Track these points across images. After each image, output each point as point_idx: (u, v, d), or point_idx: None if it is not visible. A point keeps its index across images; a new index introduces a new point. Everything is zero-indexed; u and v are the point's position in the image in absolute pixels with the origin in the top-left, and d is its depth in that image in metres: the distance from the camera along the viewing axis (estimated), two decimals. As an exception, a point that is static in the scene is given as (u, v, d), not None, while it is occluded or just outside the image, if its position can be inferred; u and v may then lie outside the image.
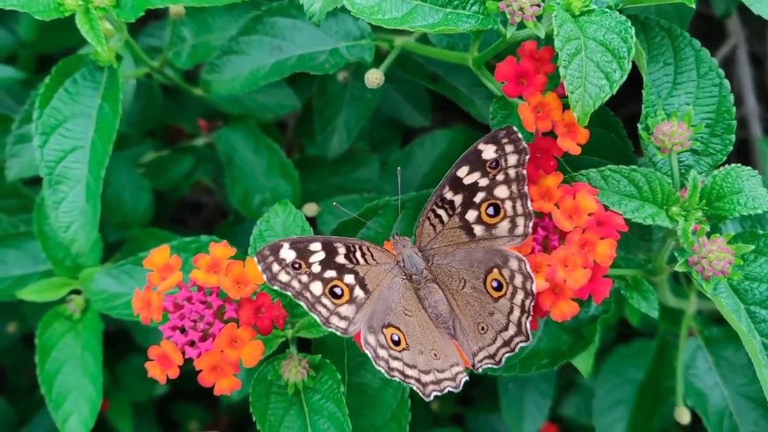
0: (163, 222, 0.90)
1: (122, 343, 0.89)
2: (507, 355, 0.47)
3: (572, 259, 0.45)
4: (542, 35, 0.46)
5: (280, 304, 0.52)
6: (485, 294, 0.48)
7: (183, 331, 0.49)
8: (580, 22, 0.44)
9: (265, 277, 0.47)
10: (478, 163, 0.47)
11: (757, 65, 0.97)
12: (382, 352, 0.47)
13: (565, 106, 0.47)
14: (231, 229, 0.85)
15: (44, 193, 0.60)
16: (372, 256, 0.49)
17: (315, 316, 0.47)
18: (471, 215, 0.47)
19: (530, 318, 0.46)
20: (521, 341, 0.47)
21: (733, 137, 0.50)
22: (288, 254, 0.47)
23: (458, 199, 0.48)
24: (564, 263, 0.45)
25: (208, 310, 0.49)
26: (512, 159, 0.46)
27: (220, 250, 0.50)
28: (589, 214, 0.46)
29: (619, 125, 0.54)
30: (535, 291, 0.45)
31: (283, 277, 0.47)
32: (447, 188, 0.48)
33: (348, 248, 0.48)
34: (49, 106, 0.60)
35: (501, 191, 0.47)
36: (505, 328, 0.47)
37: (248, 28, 0.65)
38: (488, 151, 0.46)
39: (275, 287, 0.47)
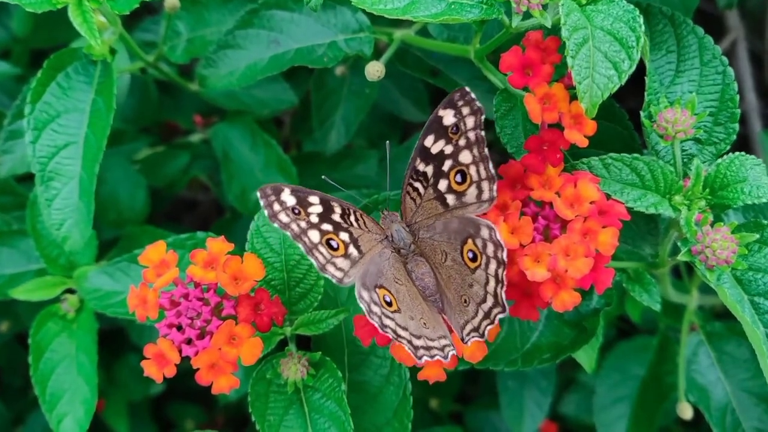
0: (159, 220, 0.89)
1: (118, 342, 0.88)
2: (488, 327, 0.47)
3: (574, 248, 0.44)
4: (548, 25, 0.45)
5: (279, 301, 0.51)
6: (464, 266, 0.47)
7: (180, 328, 0.48)
8: (587, 11, 0.44)
9: (266, 212, 0.47)
10: (441, 130, 0.46)
11: (756, 62, 0.97)
12: (376, 309, 0.47)
13: (572, 97, 0.46)
14: (228, 226, 0.84)
15: (36, 190, 0.59)
16: (365, 223, 0.49)
17: (312, 260, 0.47)
18: (442, 185, 0.47)
19: (504, 287, 0.45)
20: (499, 312, 0.46)
21: (736, 126, 0.50)
22: (289, 198, 0.47)
23: (430, 170, 0.47)
24: (565, 252, 0.44)
25: (206, 307, 0.49)
26: (470, 121, 0.46)
27: (218, 245, 0.49)
28: (591, 203, 0.45)
29: (625, 117, 0.54)
30: (506, 260, 0.45)
31: (283, 217, 0.47)
32: (418, 160, 0.47)
33: (343, 210, 0.48)
34: (41, 100, 0.59)
35: (464, 156, 0.46)
36: (484, 300, 0.47)
37: (245, 21, 0.64)
38: (448, 117, 0.46)
39: (274, 224, 0.47)
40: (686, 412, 0.66)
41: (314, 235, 0.47)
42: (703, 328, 0.69)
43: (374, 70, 0.58)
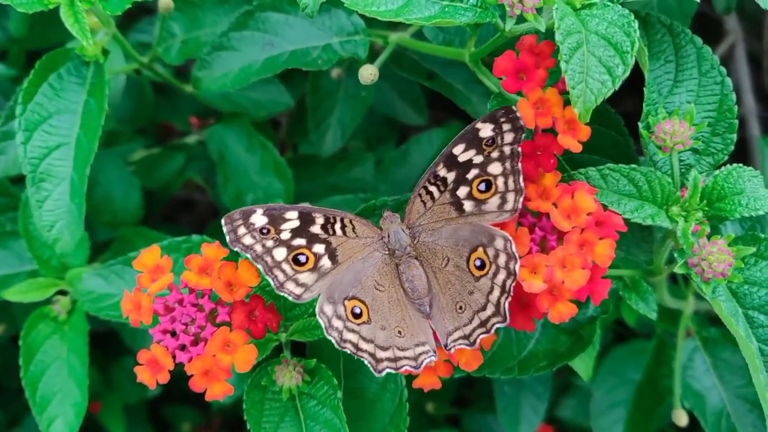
0: (154, 220, 0.88)
1: (114, 344, 0.88)
2: (482, 336, 0.47)
3: (571, 259, 0.44)
4: (542, 29, 0.45)
5: (274, 307, 0.51)
6: (467, 273, 0.47)
7: (174, 334, 0.48)
8: (581, 16, 0.43)
9: (228, 238, 0.47)
10: (474, 141, 0.47)
11: (755, 64, 0.97)
12: (337, 323, 0.47)
13: (566, 102, 0.46)
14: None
15: (28, 191, 0.59)
16: (353, 229, 0.49)
17: (269, 280, 0.47)
18: (462, 191, 0.47)
19: (509, 299, 0.46)
20: (498, 322, 0.46)
21: (734, 136, 0.50)
22: (259, 220, 0.47)
23: (451, 176, 0.48)
24: (562, 264, 0.44)
25: (200, 313, 0.48)
26: (509, 137, 0.46)
27: (213, 251, 0.49)
28: (588, 214, 0.45)
29: (620, 123, 0.53)
30: (518, 271, 0.45)
31: (247, 240, 0.47)
32: (441, 165, 0.48)
33: (327, 219, 0.48)
34: (33, 101, 0.58)
35: (494, 168, 0.47)
36: (483, 308, 0.47)
37: (239, 23, 0.64)
38: (486, 130, 0.46)
39: (236, 248, 0.47)
40: (681, 418, 0.66)
41: (279, 254, 0.47)
42: (699, 334, 0.68)
43: (368, 73, 0.57)
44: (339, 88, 0.77)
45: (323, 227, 0.48)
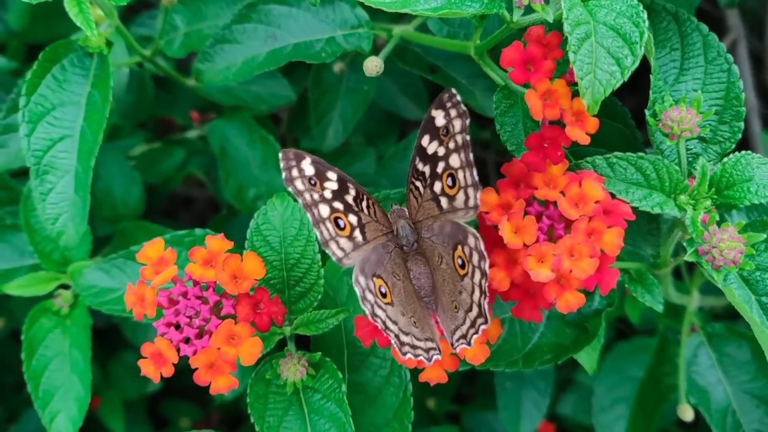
0: (155, 216, 0.88)
1: (113, 339, 0.87)
2: (474, 336, 0.46)
3: (578, 248, 0.44)
4: (550, 19, 0.44)
5: (279, 300, 0.50)
6: (455, 272, 0.47)
7: (178, 327, 0.47)
8: (589, 6, 0.43)
9: (283, 175, 0.46)
10: (434, 131, 0.46)
11: (756, 62, 0.97)
12: (370, 296, 0.46)
13: (574, 94, 0.46)
14: (224, 223, 0.83)
15: (31, 184, 0.58)
16: (375, 212, 0.48)
17: (317, 232, 0.47)
18: (437, 187, 0.47)
19: (488, 299, 0.45)
20: (482, 323, 0.46)
21: (741, 124, 0.50)
22: (308, 168, 0.46)
23: (427, 170, 0.47)
24: (570, 253, 0.44)
25: (205, 306, 0.48)
26: (457, 124, 0.45)
27: (217, 243, 0.48)
28: (596, 202, 0.44)
29: (627, 115, 0.53)
30: (488, 271, 0.44)
31: (299, 184, 0.46)
32: (417, 159, 0.47)
33: (357, 193, 0.48)
34: (36, 93, 0.58)
35: (454, 160, 0.46)
36: (470, 309, 0.46)
37: (242, 16, 0.64)
38: (439, 118, 0.46)
39: (289, 188, 0.46)
40: (687, 413, 0.65)
41: (324, 210, 0.47)
42: (703, 329, 0.68)
43: (373, 65, 0.57)
44: (341, 82, 0.77)
45: (355, 200, 0.48)
